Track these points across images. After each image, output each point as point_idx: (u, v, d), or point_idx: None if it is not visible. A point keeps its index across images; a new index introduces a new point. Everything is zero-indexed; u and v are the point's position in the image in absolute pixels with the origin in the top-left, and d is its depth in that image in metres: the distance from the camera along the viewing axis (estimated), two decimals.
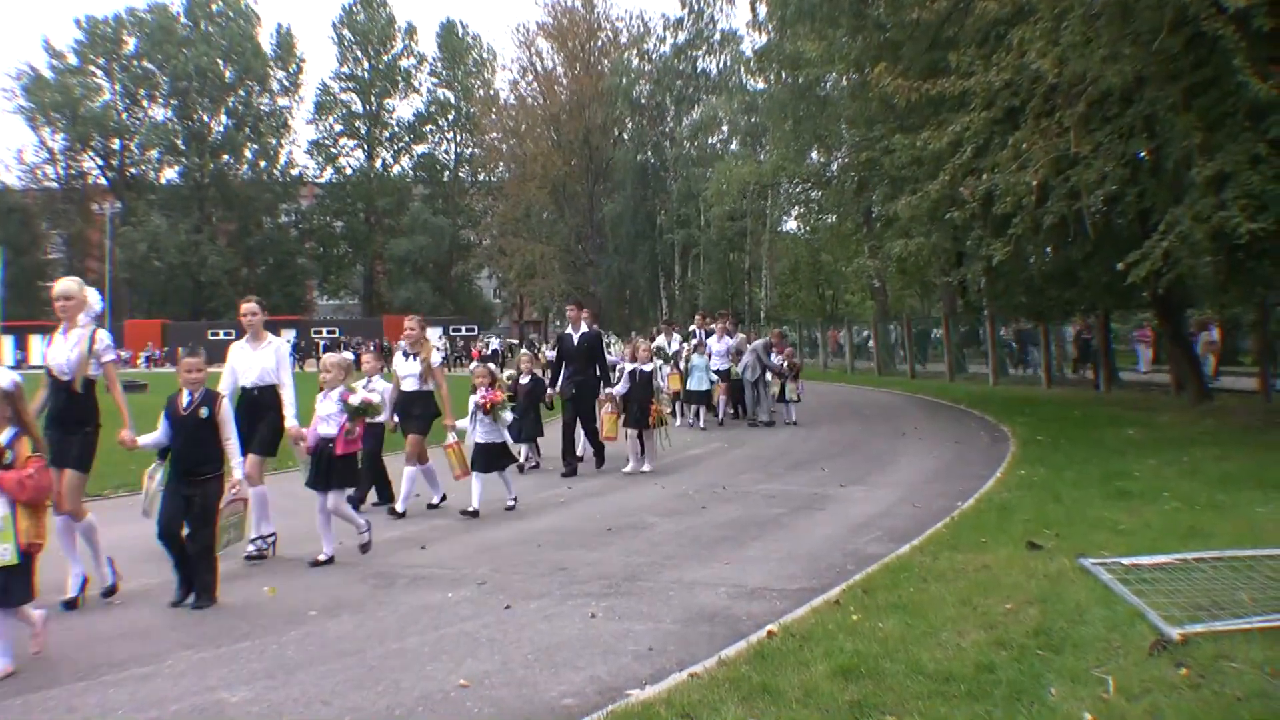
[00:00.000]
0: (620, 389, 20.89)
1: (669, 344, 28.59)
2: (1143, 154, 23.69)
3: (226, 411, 10.82)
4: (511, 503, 16.20)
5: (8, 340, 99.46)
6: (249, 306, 13.12)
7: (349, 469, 12.93)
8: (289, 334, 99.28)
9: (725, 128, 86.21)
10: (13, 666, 8.37)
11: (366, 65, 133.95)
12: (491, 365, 20.89)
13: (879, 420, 30.00)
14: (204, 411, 10.49)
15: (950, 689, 7.01)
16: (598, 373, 20.99)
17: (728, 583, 10.79)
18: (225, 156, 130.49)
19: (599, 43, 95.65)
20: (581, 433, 21.46)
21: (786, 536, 13.46)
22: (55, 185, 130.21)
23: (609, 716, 6.93)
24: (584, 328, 21.02)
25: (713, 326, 30.35)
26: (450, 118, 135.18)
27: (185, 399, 10.56)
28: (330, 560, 12.15)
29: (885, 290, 61.12)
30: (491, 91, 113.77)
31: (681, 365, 28.03)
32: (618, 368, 21.99)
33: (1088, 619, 8.47)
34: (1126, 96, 21.38)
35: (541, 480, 19.32)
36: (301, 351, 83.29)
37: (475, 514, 15.41)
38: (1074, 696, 6.80)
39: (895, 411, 33.12)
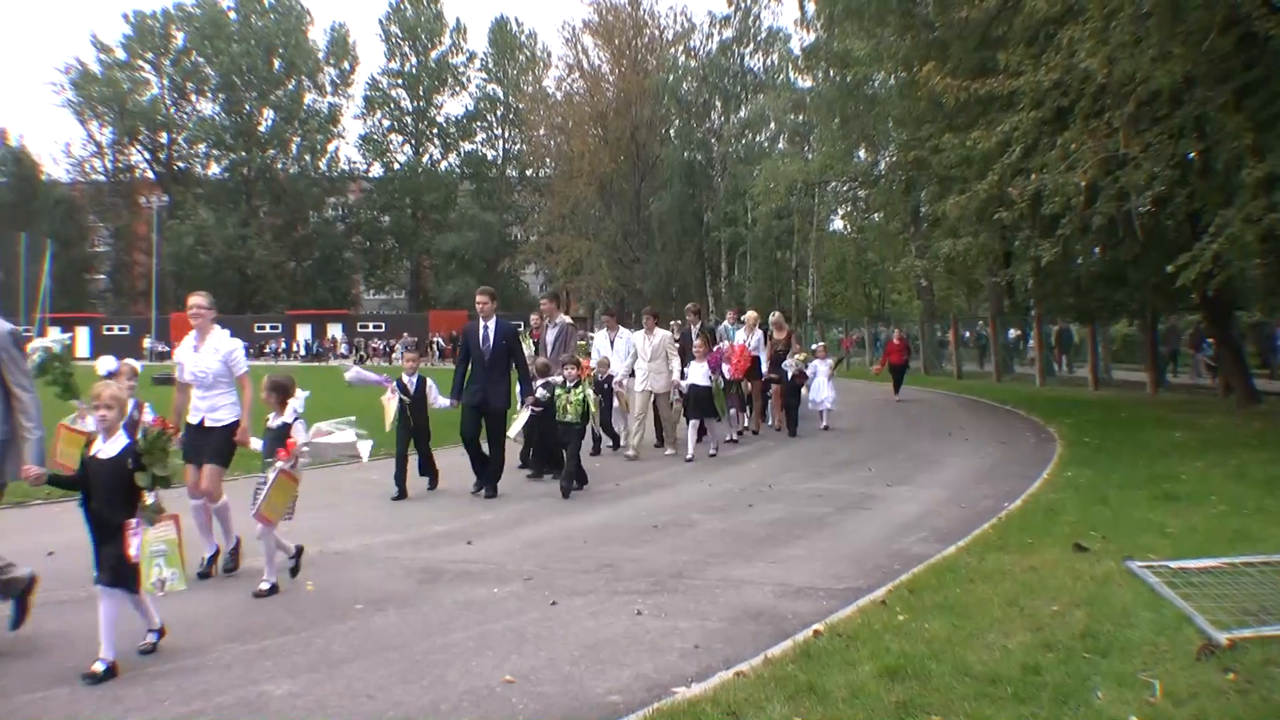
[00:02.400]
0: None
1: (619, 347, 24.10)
2: (1192, 155, 23.59)
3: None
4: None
5: (54, 332, 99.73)
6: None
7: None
8: (335, 329, 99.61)
9: (772, 125, 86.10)
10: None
11: (414, 61, 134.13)
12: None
13: (925, 420, 29.92)
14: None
15: (996, 691, 6.99)
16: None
17: (774, 581, 10.79)
18: (272, 151, 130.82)
19: (645, 39, 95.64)
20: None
21: (832, 536, 13.45)
22: (103, 179, 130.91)
23: (655, 714, 6.93)
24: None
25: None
26: (499, 114, 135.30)
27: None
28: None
29: (932, 290, 60.93)
30: (540, 87, 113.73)
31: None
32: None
33: (1134, 622, 8.45)
34: (1176, 97, 21.28)
35: (590, 476, 19.22)
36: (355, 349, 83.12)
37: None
38: (1120, 700, 6.78)
39: (941, 411, 33.04)
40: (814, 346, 30.11)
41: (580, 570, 11.44)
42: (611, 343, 23.52)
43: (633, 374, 22.99)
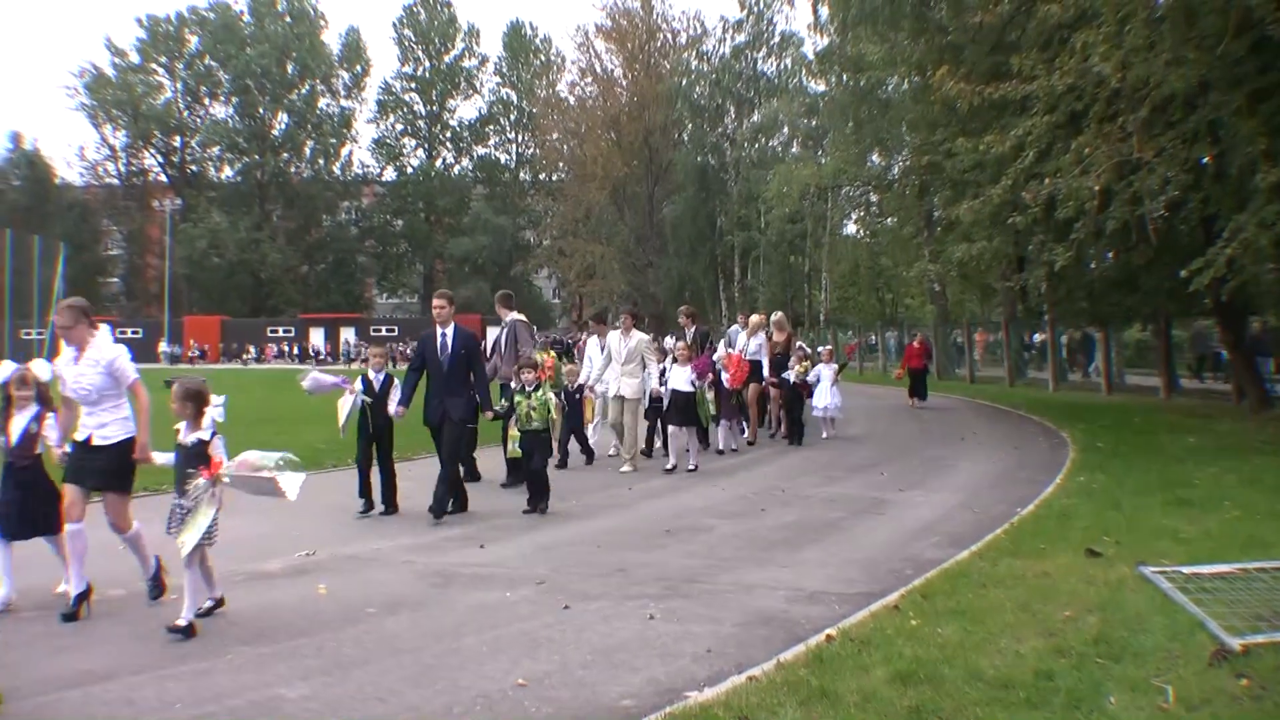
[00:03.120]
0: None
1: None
2: (1206, 160, 23.59)
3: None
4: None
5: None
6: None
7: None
8: (348, 333, 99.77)
9: (785, 130, 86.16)
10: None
11: (427, 65, 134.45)
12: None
13: (938, 425, 29.90)
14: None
15: (1009, 696, 6.98)
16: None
17: (786, 586, 10.79)
18: (285, 155, 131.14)
19: (658, 44, 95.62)
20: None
21: (845, 540, 13.45)
22: (116, 182, 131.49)
23: (667, 718, 6.94)
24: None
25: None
26: (512, 118, 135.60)
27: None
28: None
29: (945, 294, 60.89)
30: (553, 91, 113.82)
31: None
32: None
33: (1148, 628, 8.43)
34: (1190, 101, 21.28)
35: (602, 480, 19.38)
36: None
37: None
38: (1133, 706, 6.77)
39: (954, 416, 33.01)
40: (820, 350, 29.29)
41: (593, 574, 11.46)
42: (602, 349, 21.74)
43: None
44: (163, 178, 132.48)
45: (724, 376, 22.89)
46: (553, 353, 22.66)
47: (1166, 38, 19.60)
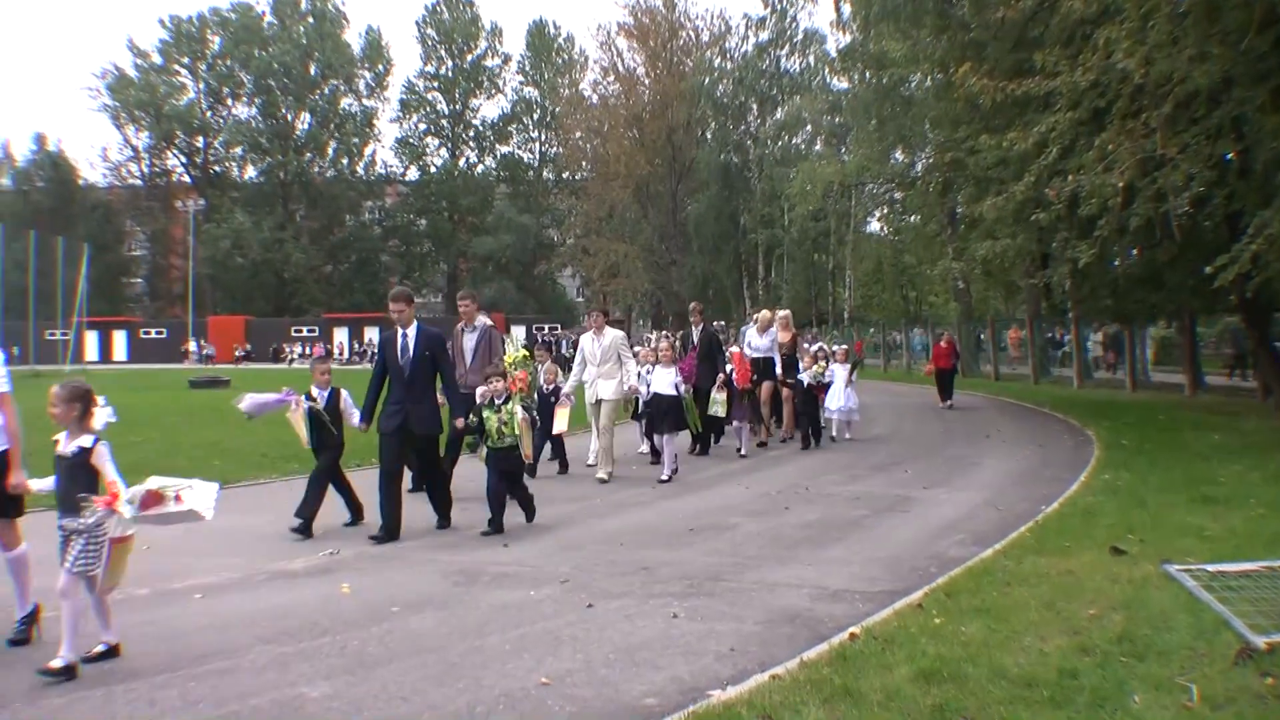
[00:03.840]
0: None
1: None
2: (1230, 155, 23.52)
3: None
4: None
5: (92, 336, 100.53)
6: None
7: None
8: (373, 332, 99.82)
9: (809, 127, 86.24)
10: None
11: (450, 64, 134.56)
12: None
13: (962, 423, 29.84)
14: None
15: (1033, 694, 6.96)
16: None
17: (810, 584, 10.78)
18: (309, 154, 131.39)
19: (680, 42, 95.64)
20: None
21: (869, 538, 13.43)
22: (139, 183, 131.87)
23: (690, 717, 6.92)
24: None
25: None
26: (535, 117, 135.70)
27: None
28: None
29: (969, 292, 60.78)
30: (576, 90, 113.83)
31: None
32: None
33: (1172, 626, 8.41)
34: (1214, 97, 21.21)
35: (624, 480, 19.30)
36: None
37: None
38: (1158, 704, 6.75)
39: (978, 414, 32.94)
40: (834, 349, 28.31)
41: (616, 573, 11.45)
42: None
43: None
44: (186, 178, 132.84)
45: (734, 376, 22.42)
46: (526, 353, 20.91)
47: (1190, 33, 19.53)
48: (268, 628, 9.40)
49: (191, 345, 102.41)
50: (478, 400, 15.07)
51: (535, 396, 19.50)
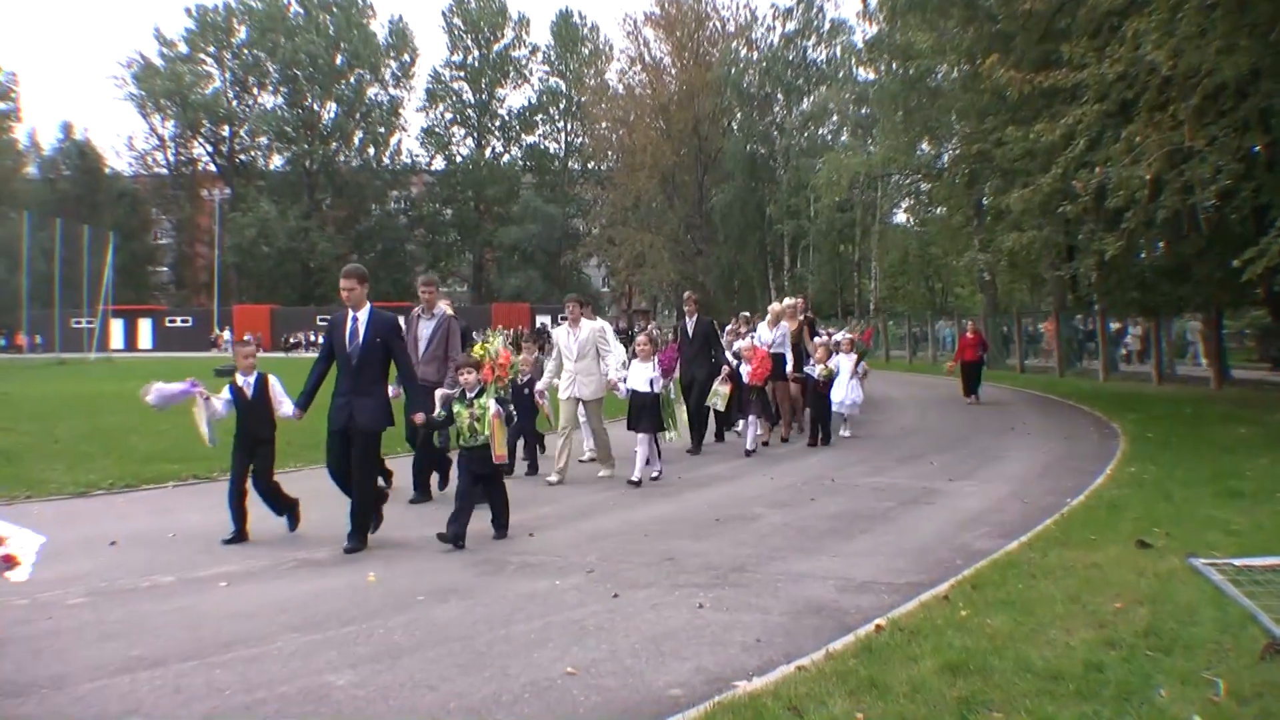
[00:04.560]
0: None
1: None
2: (1258, 149, 23.47)
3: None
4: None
5: (117, 324, 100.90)
6: None
7: None
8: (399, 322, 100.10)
9: (835, 118, 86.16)
10: None
11: (477, 54, 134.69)
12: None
13: (987, 415, 29.77)
14: None
15: (1058, 687, 6.96)
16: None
17: (836, 575, 10.78)
18: (334, 144, 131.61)
19: (707, 32, 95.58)
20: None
21: (895, 530, 13.43)
22: (165, 171, 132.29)
23: (716, 707, 6.90)
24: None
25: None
26: (561, 107, 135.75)
27: None
28: None
29: (995, 284, 60.63)
30: (602, 80, 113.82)
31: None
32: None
33: (1198, 620, 8.39)
34: (1242, 90, 21.20)
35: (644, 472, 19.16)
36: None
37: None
38: (1184, 698, 6.73)
39: (1003, 407, 32.86)
40: (838, 337, 27.00)
41: (642, 563, 11.47)
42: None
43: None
44: (211, 167, 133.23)
45: (744, 370, 21.44)
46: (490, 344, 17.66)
47: (1219, 25, 19.49)
48: (294, 616, 9.44)
49: (226, 334, 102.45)
50: (440, 394, 14.52)
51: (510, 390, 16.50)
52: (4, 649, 8.45)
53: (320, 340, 19.21)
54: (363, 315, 12.92)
